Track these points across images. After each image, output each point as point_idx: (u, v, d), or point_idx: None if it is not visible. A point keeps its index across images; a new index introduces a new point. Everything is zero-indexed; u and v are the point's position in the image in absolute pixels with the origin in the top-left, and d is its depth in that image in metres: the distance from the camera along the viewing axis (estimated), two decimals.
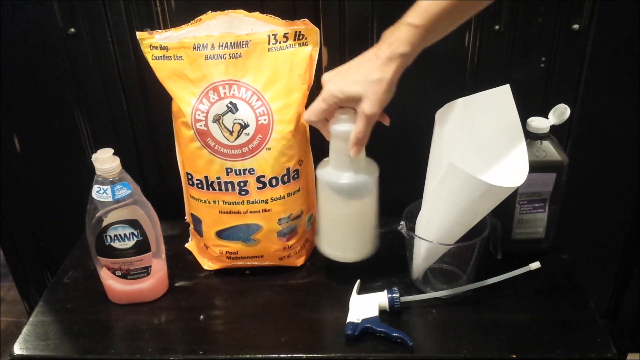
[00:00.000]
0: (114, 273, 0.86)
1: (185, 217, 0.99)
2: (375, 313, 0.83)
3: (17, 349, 0.82)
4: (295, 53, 0.85)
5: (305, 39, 0.85)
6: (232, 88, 0.84)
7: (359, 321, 0.81)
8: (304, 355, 0.80)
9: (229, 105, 0.84)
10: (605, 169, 1.08)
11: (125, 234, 0.83)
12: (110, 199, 0.80)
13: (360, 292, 0.87)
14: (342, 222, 0.87)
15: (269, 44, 0.84)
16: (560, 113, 0.86)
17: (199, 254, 0.98)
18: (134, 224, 0.83)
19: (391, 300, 0.84)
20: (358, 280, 0.89)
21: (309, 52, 0.85)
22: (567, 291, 0.89)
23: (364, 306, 0.84)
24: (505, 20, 0.94)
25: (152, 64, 0.85)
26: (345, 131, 0.79)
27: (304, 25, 0.84)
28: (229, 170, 0.86)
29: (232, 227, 0.90)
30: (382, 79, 0.74)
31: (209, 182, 0.87)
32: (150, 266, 0.87)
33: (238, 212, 0.89)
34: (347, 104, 0.78)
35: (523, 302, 0.87)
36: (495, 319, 0.84)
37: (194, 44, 0.83)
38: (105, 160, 0.79)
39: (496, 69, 0.98)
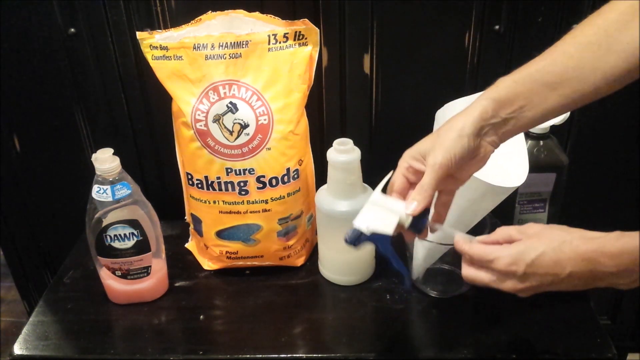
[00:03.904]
0: (114, 273, 0.86)
1: (185, 217, 0.99)
2: (391, 228, 0.65)
3: (17, 349, 0.82)
4: (295, 53, 0.85)
5: (305, 39, 0.85)
6: (232, 88, 0.84)
7: (368, 233, 0.66)
8: (304, 355, 0.80)
9: (229, 105, 0.84)
10: (605, 169, 1.08)
11: (125, 234, 0.83)
12: (110, 199, 0.80)
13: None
14: (341, 247, 0.88)
15: (269, 44, 0.84)
16: None
17: (199, 254, 0.98)
18: (134, 224, 0.83)
19: (416, 220, 0.66)
20: (390, 173, 0.70)
21: (309, 52, 0.85)
22: (567, 291, 0.89)
23: (382, 213, 0.66)
24: (505, 20, 0.94)
25: (152, 64, 0.85)
26: (344, 162, 0.81)
27: (304, 25, 0.84)
28: (229, 170, 0.86)
29: (232, 227, 0.90)
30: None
31: (209, 182, 0.87)
32: (150, 266, 0.87)
33: (238, 212, 0.89)
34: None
35: (523, 302, 0.86)
36: (495, 319, 0.84)
37: (194, 44, 0.83)
38: (105, 160, 0.79)
39: (496, 69, 0.98)
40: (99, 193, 0.80)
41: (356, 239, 0.66)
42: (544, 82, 0.62)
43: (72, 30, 0.96)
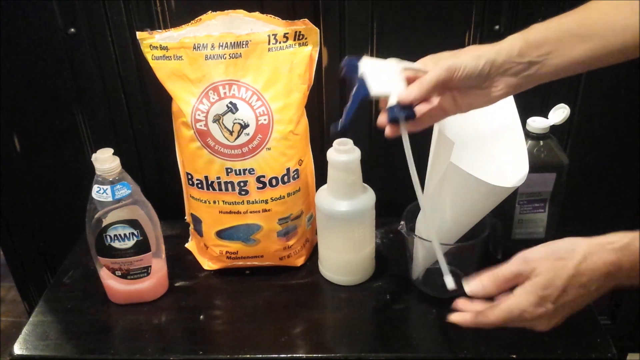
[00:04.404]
0: (114, 273, 0.86)
1: (185, 217, 0.99)
2: (374, 90, 0.66)
3: (17, 349, 0.82)
4: (295, 53, 0.85)
5: (305, 39, 0.85)
6: (232, 88, 0.84)
7: (359, 75, 0.66)
8: (304, 355, 0.80)
9: (229, 105, 0.84)
10: (605, 169, 1.08)
11: (125, 234, 0.83)
12: (110, 199, 0.80)
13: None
14: (341, 247, 0.89)
15: (269, 44, 0.84)
16: (560, 113, 0.86)
17: (199, 254, 0.98)
18: (134, 224, 0.83)
19: (397, 108, 0.65)
20: (416, 64, 0.68)
21: (309, 52, 0.85)
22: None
23: (384, 77, 0.67)
24: (505, 20, 0.94)
25: (152, 64, 0.85)
26: (343, 161, 0.82)
27: (304, 25, 0.84)
28: (229, 170, 0.86)
29: (232, 227, 0.90)
30: None
31: (209, 182, 0.87)
32: (150, 266, 0.87)
33: (238, 212, 0.89)
34: None
35: None
36: None
37: (194, 44, 0.83)
38: (105, 160, 0.79)
39: None
40: (99, 193, 0.80)
41: (350, 66, 0.67)
42: (574, 32, 0.64)
43: (72, 30, 0.96)
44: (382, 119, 0.66)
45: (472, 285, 0.63)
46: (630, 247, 0.58)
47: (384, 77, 0.67)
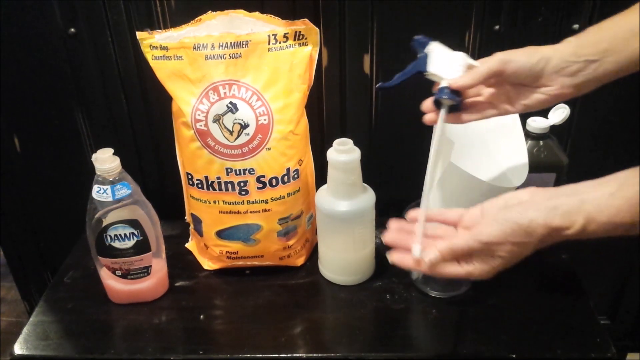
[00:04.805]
0: (114, 273, 0.86)
1: (185, 217, 0.99)
2: (431, 67, 0.71)
3: (18, 348, 0.82)
4: (295, 53, 0.85)
5: (305, 39, 0.85)
6: (232, 88, 0.84)
7: (425, 52, 0.71)
8: (304, 355, 0.80)
9: (229, 105, 0.84)
10: (605, 169, 1.08)
11: (125, 234, 0.83)
12: (110, 199, 0.80)
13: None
14: (341, 247, 0.89)
15: (269, 44, 0.84)
16: (560, 113, 0.86)
17: (199, 254, 0.98)
18: (134, 223, 0.83)
19: (444, 90, 0.68)
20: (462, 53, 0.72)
21: (309, 52, 0.85)
22: (567, 291, 0.89)
23: (446, 61, 0.71)
24: (505, 20, 0.94)
25: (152, 64, 0.85)
26: (343, 161, 0.82)
27: (304, 25, 0.84)
28: (229, 170, 0.86)
29: (232, 227, 0.90)
30: None
31: (209, 182, 0.88)
32: (150, 266, 0.87)
33: (238, 212, 0.89)
34: None
35: (523, 301, 0.87)
36: (495, 318, 0.84)
37: (194, 44, 0.83)
38: (105, 160, 0.79)
39: None
40: (99, 193, 0.80)
41: (420, 42, 0.72)
42: (627, 28, 0.64)
43: (72, 30, 0.96)
44: (428, 102, 0.69)
45: (431, 255, 0.62)
46: (586, 230, 0.60)
47: (445, 62, 0.71)
